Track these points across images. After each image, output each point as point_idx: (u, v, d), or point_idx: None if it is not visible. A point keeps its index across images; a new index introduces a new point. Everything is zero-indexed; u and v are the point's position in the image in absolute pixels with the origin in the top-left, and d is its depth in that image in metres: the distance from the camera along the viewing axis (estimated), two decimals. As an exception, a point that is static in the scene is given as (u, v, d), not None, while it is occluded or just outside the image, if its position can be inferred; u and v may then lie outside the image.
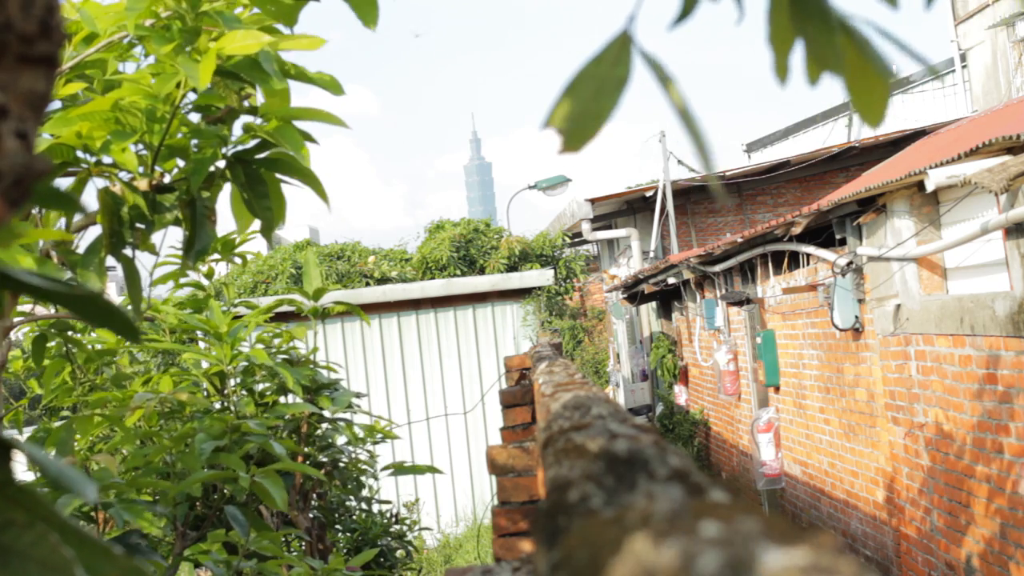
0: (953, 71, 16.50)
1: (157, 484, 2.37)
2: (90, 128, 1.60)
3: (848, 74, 0.76)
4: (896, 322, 6.03)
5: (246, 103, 1.71)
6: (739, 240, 8.25)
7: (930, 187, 5.09)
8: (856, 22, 0.76)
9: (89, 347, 2.91)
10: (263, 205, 1.73)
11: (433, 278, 11.95)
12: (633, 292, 13.21)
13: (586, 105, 0.69)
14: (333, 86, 1.70)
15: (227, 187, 1.78)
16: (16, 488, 0.60)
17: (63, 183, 1.70)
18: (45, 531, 0.58)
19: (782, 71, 0.76)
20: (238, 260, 2.82)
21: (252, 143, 1.72)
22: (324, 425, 3.60)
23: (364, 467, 3.90)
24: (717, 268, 9.58)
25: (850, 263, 6.49)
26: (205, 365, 3.22)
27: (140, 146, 1.67)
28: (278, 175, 1.75)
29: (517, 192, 18.31)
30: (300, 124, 1.71)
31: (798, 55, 0.77)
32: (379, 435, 3.69)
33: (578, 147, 0.69)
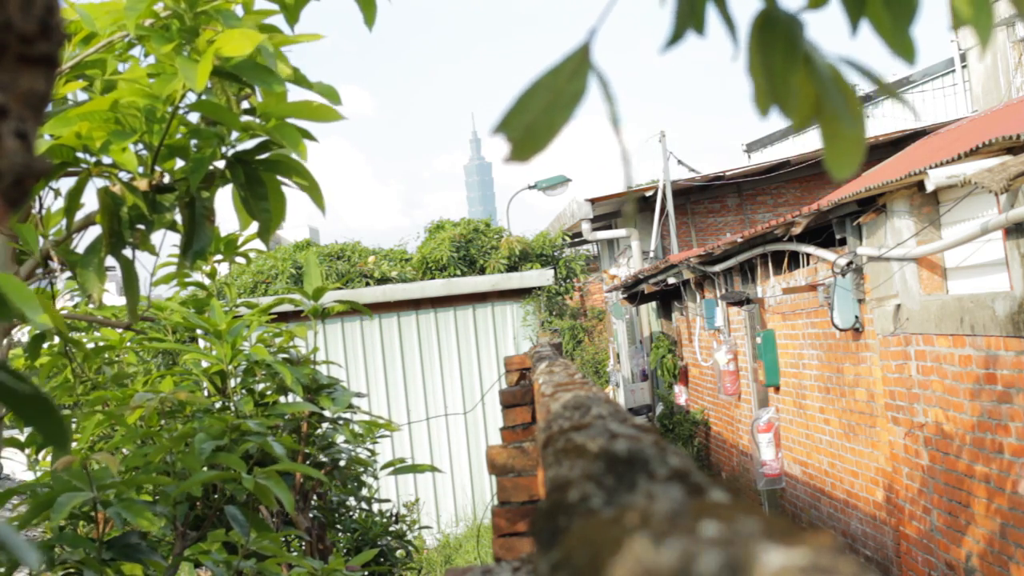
0: (953, 71, 16.50)
1: (157, 480, 2.37)
2: (90, 128, 1.60)
3: (822, 122, 0.76)
4: (896, 322, 6.03)
5: (245, 103, 1.71)
6: (739, 240, 8.25)
7: (930, 187, 5.09)
8: (829, 60, 0.76)
9: (90, 345, 2.91)
10: (261, 207, 1.73)
11: (433, 278, 11.94)
12: (633, 292, 13.21)
13: (538, 116, 0.69)
14: (332, 96, 1.70)
15: (228, 186, 1.78)
16: None
17: (64, 184, 1.71)
18: None
19: (764, 104, 0.76)
20: (241, 260, 2.82)
21: (252, 143, 1.72)
22: (324, 425, 3.60)
23: (364, 465, 3.90)
24: (717, 268, 9.58)
25: (850, 263, 6.49)
26: (205, 364, 3.22)
27: (140, 146, 1.67)
28: (278, 176, 1.75)
29: (517, 192, 18.31)
30: (298, 123, 1.71)
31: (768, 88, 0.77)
32: (379, 431, 3.69)
33: (526, 158, 0.69)
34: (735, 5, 0.79)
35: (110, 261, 1.69)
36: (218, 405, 3.10)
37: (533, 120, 0.69)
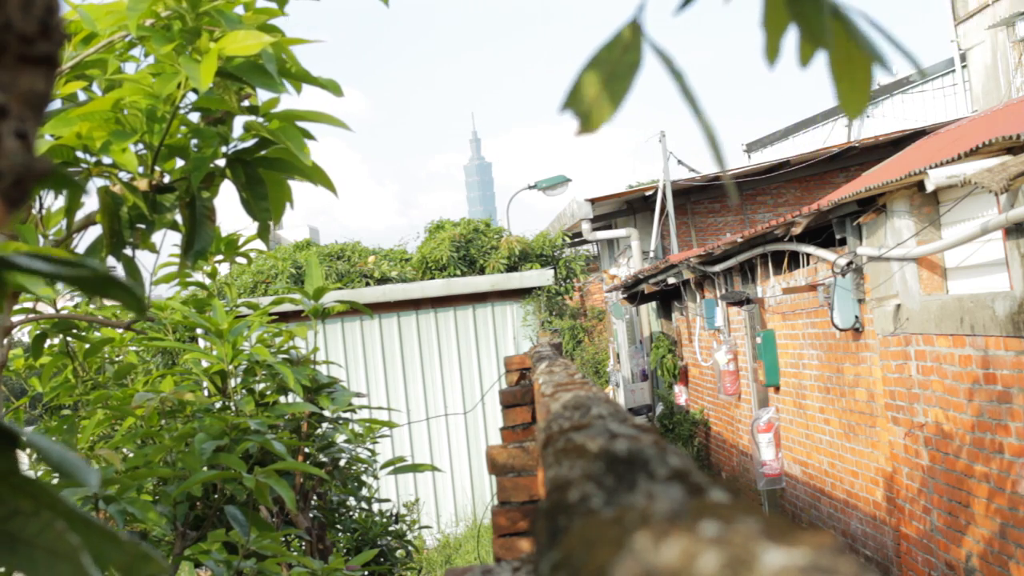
0: (953, 71, 16.51)
1: (160, 472, 2.38)
2: (90, 128, 1.60)
3: (834, 59, 0.78)
4: (896, 322, 6.03)
5: (246, 102, 1.71)
6: (739, 240, 8.25)
7: (930, 187, 5.09)
8: (850, 12, 0.78)
9: (95, 336, 2.90)
10: (261, 206, 1.73)
11: (433, 278, 11.94)
12: (633, 292, 13.21)
13: (601, 89, 0.72)
14: (334, 88, 1.71)
15: (231, 188, 1.78)
16: (22, 477, 0.60)
17: (63, 183, 1.70)
18: (51, 519, 0.58)
19: (772, 53, 0.78)
20: (242, 260, 2.82)
21: (252, 142, 1.72)
22: (324, 424, 3.60)
23: (364, 465, 3.90)
24: (717, 268, 9.58)
25: (850, 263, 6.49)
26: (206, 364, 3.22)
27: (140, 146, 1.67)
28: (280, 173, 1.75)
29: (517, 192, 18.31)
30: (299, 123, 1.72)
31: (790, 40, 0.78)
32: (379, 430, 3.69)
33: (594, 128, 0.72)
34: None
35: (111, 261, 1.69)
36: (218, 405, 3.10)
37: (596, 93, 0.72)
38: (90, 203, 1.73)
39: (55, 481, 2.11)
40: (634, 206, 15.29)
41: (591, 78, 0.72)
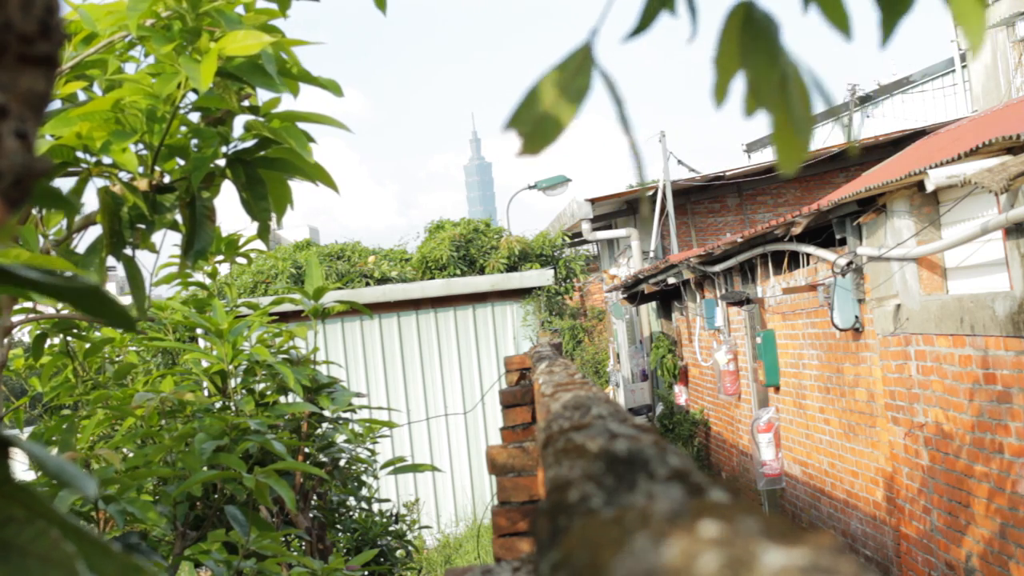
0: (953, 71, 16.51)
1: (160, 472, 2.38)
2: (90, 128, 1.60)
3: (776, 119, 0.77)
4: (896, 322, 6.03)
5: (246, 102, 1.71)
6: (739, 240, 8.25)
7: (930, 187, 5.09)
8: (802, 73, 0.77)
9: (95, 336, 2.90)
10: (261, 206, 1.73)
11: (433, 278, 11.94)
12: (633, 292, 13.21)
13: (547, 111, 0.71)
14: (334, 88, 1.71)
15: (231, 187, 1.78)
16: (15, 485, 0.60)
17: (64, 184, 1.70)
18: (45, 527, 0.58)
19: (720, 94, 0.77)
20: (242, 260, 2.82)
21: (252, 142, 1.73)
22: (324, 425, 3.60)
23: (364, 465, 3.90)
24: (717, 268, 9.58)
25: (850, 263, 6.49)
26: (206, 364, 3.22)
27: (140, 146, 1.67)
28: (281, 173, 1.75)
29: (517, 192, 18.30)
30: (299, 124, 1.72)
31: (740, 83, 0.78)
32: (379, 430, 3.69)
33: (537, 150, 0.71)
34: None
35: (111, 261, 1.69)
36: (218, 405, 3.10)
37: (542, 115, 0.71)
38: (90, 203, 1.73)
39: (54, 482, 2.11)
40: (634, 206, 15.29)
41: (538, 99, 0.70)
